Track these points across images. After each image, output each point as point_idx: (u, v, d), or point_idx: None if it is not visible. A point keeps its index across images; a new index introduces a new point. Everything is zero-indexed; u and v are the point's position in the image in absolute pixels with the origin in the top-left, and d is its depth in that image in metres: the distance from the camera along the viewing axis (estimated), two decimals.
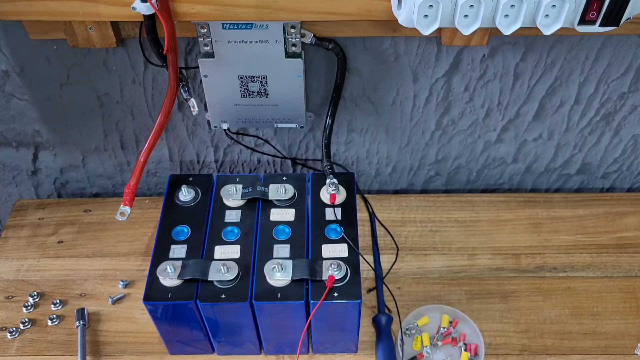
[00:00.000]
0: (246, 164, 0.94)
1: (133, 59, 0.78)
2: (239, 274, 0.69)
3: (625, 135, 0.89)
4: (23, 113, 0.85)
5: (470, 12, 0.61)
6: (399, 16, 0.64)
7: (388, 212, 0.90)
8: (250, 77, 0.77)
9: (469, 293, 0.81)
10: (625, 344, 0.76)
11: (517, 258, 0.85)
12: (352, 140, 0.90)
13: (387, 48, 0.77)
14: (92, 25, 0.71)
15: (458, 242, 0.87)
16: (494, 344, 0.76)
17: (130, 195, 0.72)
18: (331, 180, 0.76)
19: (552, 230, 0.88)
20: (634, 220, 0.89)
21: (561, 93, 0.83)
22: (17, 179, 0.97)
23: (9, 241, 0.88)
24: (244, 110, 0.81)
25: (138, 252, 0.85)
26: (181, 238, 0.74)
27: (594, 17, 0.61)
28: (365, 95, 0.83)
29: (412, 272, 0.83)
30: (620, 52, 0.77)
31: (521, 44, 0.76)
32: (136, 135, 0.89)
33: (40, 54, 0.78)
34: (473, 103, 0.84)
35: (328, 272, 0.68)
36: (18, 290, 0.82)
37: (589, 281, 0.82)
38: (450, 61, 0.78)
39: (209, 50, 0.74)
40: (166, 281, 0.69)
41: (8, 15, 0.67)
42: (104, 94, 0.83)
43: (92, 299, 0.81)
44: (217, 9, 0.66)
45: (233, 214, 0.76)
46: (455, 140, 0.90)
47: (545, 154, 0.92)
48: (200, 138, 0.90)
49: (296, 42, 0.73)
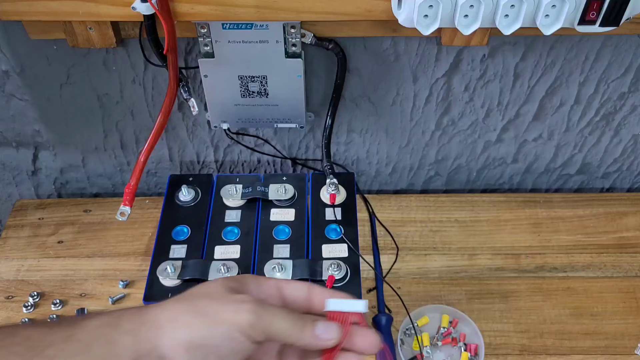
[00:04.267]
0: (246, 164, 0.94)
1: (133, 59, 0.78)
2: (239, 274, 0.69)
3: (625, 135, 0.89)
4: (23, 113, 0.85)
5: (470, 12, 0.61)
6: (399, 16, 0.64)
7: (388, 212, 0.90)
8: (250, 77, 0.77)
9: (469, 293, 0.81)
10: (625, 344, 0.76)
11: (517, 258, 0.85)
12: (352, 140, 0.90)
13: (387, 48, 0.77)
14: (92, 25, 0.71)
15: (458, 242, 0.87)
16: (494, 344, 0.76)
17: (130, 195, 0.72)
18: (331, 180, 0.76)
19: (552, 230, 0.88)
20: (634, 220, 0.89)
21: (561, 93, 0.83)
22: (17, 179, 0.97)
23: (9, 241, 0.88)
24: (244, 110, 0.81)
25: (138, 252, 0.85)
26: (181, 238, 0.74)
27: (594, 17, 0.61)
28: (365, 95, 0.83)
29: (412, 272, 0.83)
30: (620, 52, 0.77)
31: (521, 44, 0.76)
32: (136, 135, 0.89)
33: (40, 54, 0.78)
34: (473, 103, 0.84)
35: (328, 272, 0.68)
36: (18, 290, 0.82)
37: (589, 281, 0.82)
38: (450, 61, 0.78)
39: (209, 50, 0.74)
40: (166, 281, 0.69)
41: (8, 15, 0.67)
42: (104, 94, 0.83)
43: (92, 299, 0.81)
44: (217, 9, 0.66)
45: (233, 214, 0.76)
46: (455, 140, 0.90)
47: (545, 154, 0.92)
48: (200, 138, 0.90)
49: (296, 42, 0.73)
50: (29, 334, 0.40)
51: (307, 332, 0.44)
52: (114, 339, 0.41)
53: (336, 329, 0.45)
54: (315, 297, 0.47)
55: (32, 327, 0.42)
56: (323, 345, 0.45)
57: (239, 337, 0.42)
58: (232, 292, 0.45)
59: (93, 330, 0.41)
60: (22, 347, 0.39)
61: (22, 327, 0.42)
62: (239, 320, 0.42)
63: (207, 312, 0.43)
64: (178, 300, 0.45)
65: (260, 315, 0.43)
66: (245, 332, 0.42)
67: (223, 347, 0.42)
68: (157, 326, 0.42)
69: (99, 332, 0.41)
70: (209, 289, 0.45)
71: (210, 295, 0.44)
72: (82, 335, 0.41)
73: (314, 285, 0.48)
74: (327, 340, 0.44)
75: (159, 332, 0.42)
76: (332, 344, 0.45)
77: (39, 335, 0.40)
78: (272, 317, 0.43)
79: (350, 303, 0.46)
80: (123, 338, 0.41)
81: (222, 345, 0.42)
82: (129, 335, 0.42)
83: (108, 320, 0.42)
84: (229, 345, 0.42)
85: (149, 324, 0.42)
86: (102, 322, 0.42)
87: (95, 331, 0.41)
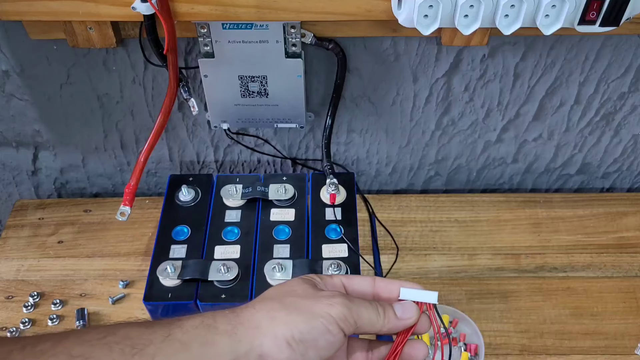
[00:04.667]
0: (246, 164, 0.94)
1: (133, 59, 0.78)
2: (239, 274, 0.69)
3: (625, 135, 0.89)
4: (23, 113, 0.85)
5: (470, 12, 0.61)
6: (399, 16, 0.64)
7: (388, 212, 0.90)
8: (250, 77, 0.77)
9: (469, 293, 0.81)
10: (625, 344, 0.76)
11: (517, 258, 0.85)
12: (352, 140, 0.90)
13: (387, 48, 0.77)
14: (92, 25, 0.71)
15: (458, 242, 0.87)
16: (494, 344, 0.76)
17: (130, 195, 0.72)
18: (331, 180, 0.76)
19: (552, 230, 0.88)
20: (634, 220, 0.89)
21: (561, 93, 0.83)
22: (17, 179, 0.97)
23: (9, 241, 0.88)
24: (244, 110, 0.81)
25: (138, 252, 0.85)
26: (181, 238, 0.74)
27: (594, 17, 0.61)
28: (365, 95, 0.83)
29: (412, 272, 0.83)
30: (620, 52, 0.77)
31: (521, 44, 0.76)
32: (136, 135, 0.89)
33: (40, 54, 0.78)
34: (473, 103, 0.84)
35: (328, 272, 0.68)
36: (18, 290, 0.82)
37: (589, 281, 0.82)
38: (450, 61, 0.78)
39: (209, 50, 0.74)
40: (166, 281, 0.69)
41: (8, 15, 0.67)
42: (104, 94, 0.83)
43: (92, 299, 0.81)
44: (217, 9, 0.66)
45: (233, 214, 0.76)
46: (455, 140, 0.90)
47: (545, 154, 0.92)
48: (200, 138, 0.90)
49: (296, 42, 0.73)
50: (127, 332, 0.42)
51: (389, 316, 0.47)
52: (212, 339, 0.42)
53: (413, 307, 0.48)
54: (380, 288, 0.50)
55: (129, 326, 0.42)
56: (405, 324, 0.48)
57: (335, 329, 0.44)
58: (316, 289, 0.47)
59: (190, 331, 0.43)
60: (123, 344, 0.40)
61: (120, 326, 0.43)
62: (333, 313, 0.44)
63: (301, 309, 0.45)
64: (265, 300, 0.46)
65: (350, 307, 0.45)
66: (339, 325, 0.44)
67: (321, 340, 0.44)
68: (254, 326, 0.44)
69: (196, 333, 0.43)
70: (292, 288, 0.47)
71: (296, 293, 0.46)
72: (180, 336, 0.42)
73: (377, 277, 0.51)
74: (408, 319, 0.47)
75: (257, 331, 0.43)
76: (413, 322, 0.48)
77: (137, 334, 0.41)
78: (359, 308, 0.46)
79: (422, 293, 0.49)
80: (221, 339, 0.43)
81: (320, 338, 0.44)
82: (225, 336, 0.43)
83: (203, 321, 0.43)
84: (326, 338, 0.44)
85: (245, 325, 0.44)
86: (198, 323, 0.43)
87: (192, 332, 0.43)
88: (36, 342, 0.40)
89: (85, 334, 0.41)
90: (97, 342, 0.40)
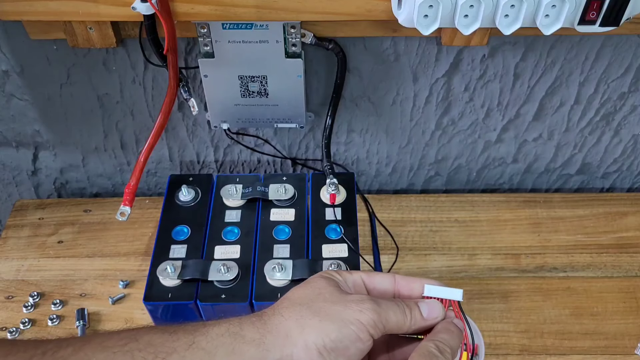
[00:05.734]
0: (246, 164, 0.94)
1: (133, 59, 0.78)
2: (239, 274, 0.69)
3: (625, 135, 0.89)
4: (23, 113, 0.85)
5: (470, 12, 0.61)
6: (399, 16, 0.64)
7: (388, 212, 0.90)
8: (250, 77, 0.77)
9: (469, 293, 0.81)
10: (625, 344, 0.76)
11: (517, 258, 0.85)
12: (352, 140, 0.90)
13: (387, 48, 0.77)
14: (92, 25, 0.71)
15: (458, 242, 0.87)
16: (494, 344, 0.76)
17: (130, 195, 0.72)
18: (331, 180, 0.76)
19: (552, 230, 0.88)
20: (634, 220, 0.89)
21: (561, 93, 0.83)
22: (17, 179, 0.97)
23: (9, 241, 0.88)
24: (244, 110, 0.81)
25: (138, 252, 0.85)
26: (181, 238, 0.74)
27: (594, 17, 0.61)
28: (365, 95, 0.83)
29: (412, 272, 0.83)
30: (620, 52, 0.77)
31: (521, 44, 0.76)
32: (136, 135, 0.89)
33: (40, 54, 0.78)
34: (473, 103, 0.84)
35: None
36: (18, 290, 0.82)
37: (589, 281, 0.82)
38: (450, 61, 0.78)
39: (209, 50, 0.74)
40: (166, 281, 0.69)
41: (8, 15, 0.67)
42: (104, 94, 0.83)
43: (92, 299, 0.81)
44: (217, 9, 0.66)
45: (233, 214, 0.76)
46: (455, 140, 0.90)
47: (545, 154, 0.92)
48: (200, 138, 0.90)
49: (296, 42, 0.73)
50: (149, 339, 0.40)
51: (416, 316, 0.46)
52: (238, 348, 0.41)
53: (439, 306, 0.47)
54: (401, 286, 0.49)
55: (152, 332, 0.41)
56: (431, 324, 0.46)
57: (366, 336, 0.43)
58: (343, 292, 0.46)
59: (215, 339, 0.41)
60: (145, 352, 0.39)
61: (142, 332, 0.41)
62: (364, 320, 0.43)
63: (332, 315, 0.43)
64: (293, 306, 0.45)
65: (379, 312, 0.44)
66: (369, 331, 0.43)
67: (352, 348, 0.43)
68: (284, 335, 0.42)
69: (221, 341, 0.41)
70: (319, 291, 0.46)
71: (324, 298, 0.45)
72: (205, 344, 0.41)
73: (397, 275, 0.50)
74: (434, 319, 0.46)
75: (287, 340, 0.42)
76: (439, 321, 0.47)
77: (160, 341, 0.40)
78: (387, 311, 0.44)
79: (447, 290, 0.48)
80: (248, 348, 0.41)
81: (351, 346, 0.43)
82: (253, 345, 0.41)
83: (229, 329, 0.42)
84: (357, 346, 0.43)
85: (274, 333, 0.42)
86: (224, 331, 0.42)
87: (217, 339, 0.41)
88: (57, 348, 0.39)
89: (108, 340, 0.41)
90: (119, 349, 0.40)
